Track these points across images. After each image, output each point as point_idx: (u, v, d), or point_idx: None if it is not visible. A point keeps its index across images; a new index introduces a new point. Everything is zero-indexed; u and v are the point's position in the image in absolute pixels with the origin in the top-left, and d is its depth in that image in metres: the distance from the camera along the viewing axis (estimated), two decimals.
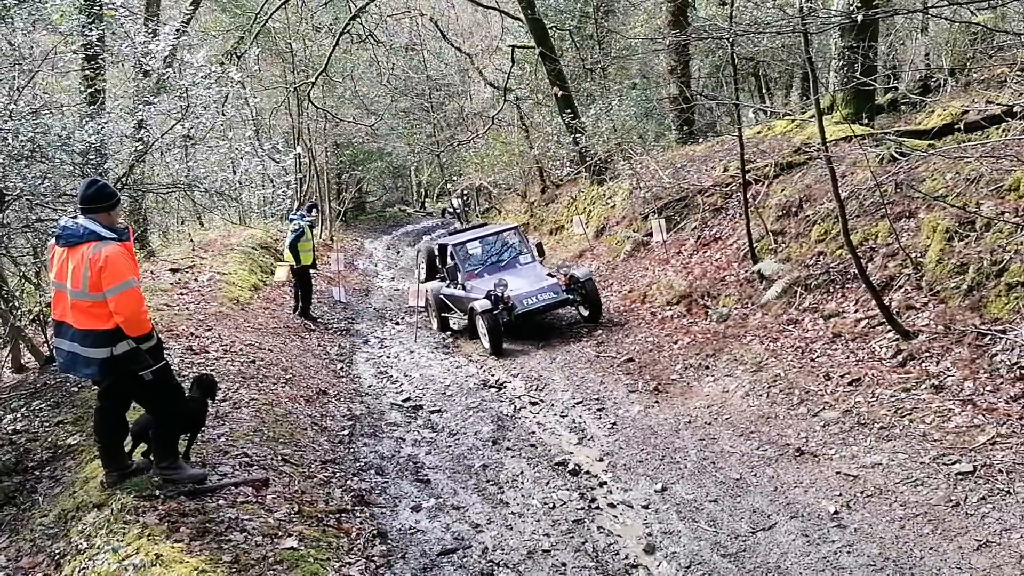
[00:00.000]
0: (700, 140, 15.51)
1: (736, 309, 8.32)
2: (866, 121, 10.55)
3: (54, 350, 4.75)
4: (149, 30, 9.51)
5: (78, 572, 3.79)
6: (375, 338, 11.01)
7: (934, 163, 7.20)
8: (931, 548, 4.01)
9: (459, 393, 7.88)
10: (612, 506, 5.09)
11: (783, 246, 8.68)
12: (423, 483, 5.60)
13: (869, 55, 10.67)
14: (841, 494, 4.67)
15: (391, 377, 8.78)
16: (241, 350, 8.14)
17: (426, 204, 36.60)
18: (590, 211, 15.16)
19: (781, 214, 9.06)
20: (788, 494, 4.81)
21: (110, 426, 4.47)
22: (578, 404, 7.18)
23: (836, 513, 4.49)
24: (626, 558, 4.41)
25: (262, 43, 19.04)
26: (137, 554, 3.74)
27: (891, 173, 7.46)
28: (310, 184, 22.20)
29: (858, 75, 8.92)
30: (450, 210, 27.14)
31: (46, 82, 9.31)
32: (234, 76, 10.67)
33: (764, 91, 19.63)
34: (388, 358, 9.81)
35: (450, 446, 6.37)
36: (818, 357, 6.58)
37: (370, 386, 8.42)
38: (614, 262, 12.24)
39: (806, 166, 9.51)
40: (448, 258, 10.81)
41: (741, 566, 4.19)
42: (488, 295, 9.39)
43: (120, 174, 8.41)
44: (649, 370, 7.70)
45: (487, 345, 9.36)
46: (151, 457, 4.60)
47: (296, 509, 4.60)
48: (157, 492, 4.37)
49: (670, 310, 9.21)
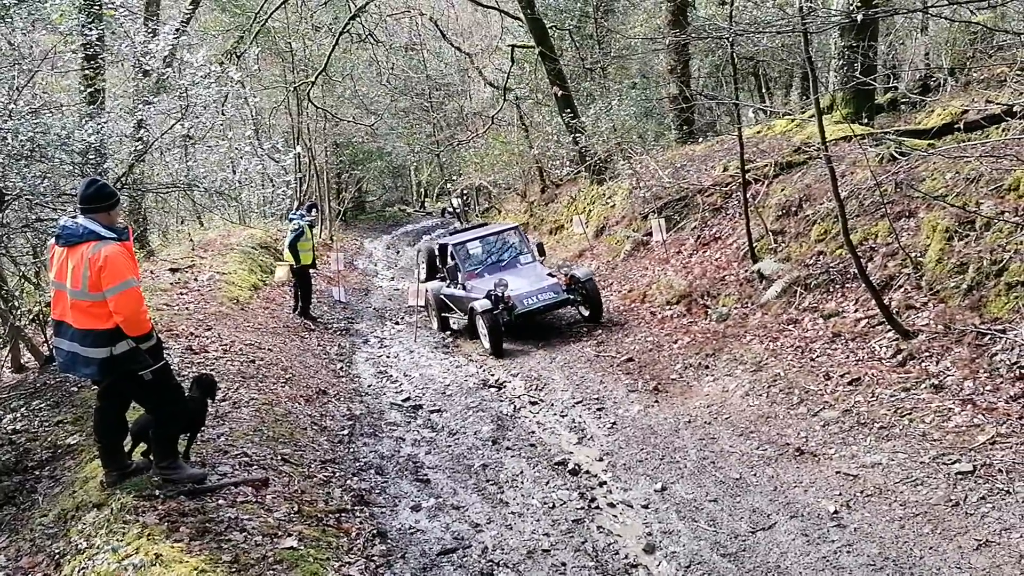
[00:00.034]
0: (700, 140, 15.52)
1: (736, 309, 8.32)
2: (866, 121, 10.55)
3: (54, 350, 4.75)
4: (149, 30, 9.50)
5: (78, 572, 3.79)
6: (375, 338, 11.01)
7: (934, 163, 7.20)
8: (931, 548, 4.02)
9: (459, 393, 7.88)
10: (612, 506, 5.09)
11: (783, 246, 8.68)
12: (423, 483, 5.60)
13: (869, 55, 10.67)
14: (841, 494, 4.67)
15: (391, 377, 8.78)
16: (241, 350, 8.14)
17: (426, 204, 36.61)
18: (590, 211, 15.15)
19: (781, 214, 9.06)
20: (788, 494, 4.82)
21: (110, 426, 4.47)
22: (578, 404, 7.18)
23: (836, 513, 4.49)
24: (626, 558, 4.41)
25: (262, 43, 19.03)
26: (137, 554, 3.75)
27: (891, 173, 7.46)
28: (310, 184, 22.19)
29: (858, 75, 8.92)
30: (450, 210, 27.15)
31: (46, 82, 9.30)
32: (234, 76, 10.67)
33: (764, 91, 19.63)
34: (388, 358, 9.81)
35: (450, 446, 6.37)
36: (818, 357, 6.58)
37: (370, 386, 8.42)
38: (614, 262, 12.24)
39: (806, 166, 9.51)
40: (448, 258, 10.79)
41: (741, 566, 4.19)
42: (488, 295, 9.38)
43: (120, 174, 8.41)
44: (649, 370, 7.70)
45: (487, 345, 9.35)
46: (151, 457, 4.60)
47: (296, 509, 4.60)
48: (157, 492, 4.37)
49: (670, 310, 9.22)
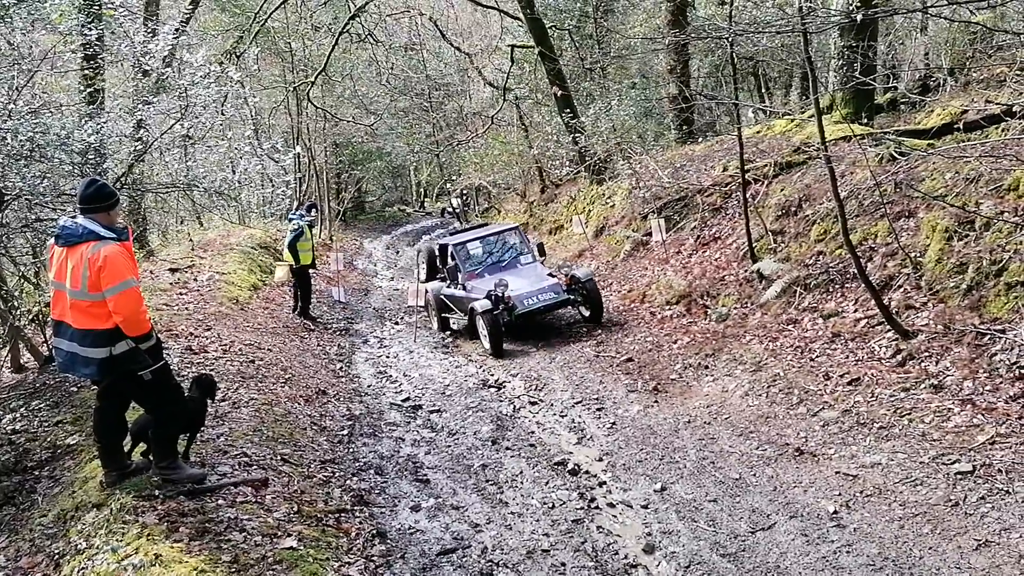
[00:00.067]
0: (699, 140, 15.52)
1: (735, 309, 8.32)
2: (865, 121, 10.55)
3: (53, 350, 4.75)
4: (148, 29, 9.51)
5: (77, 572, 3.79)
6: (374, 338, 11.01)
7: (933, 163, 7.20)
8: (930, 548, 4.02)
9: (458, 393, 7.87)
10: (611, 506, 5.09)
11: (782, 246, 8.68)
12: (422, 483, 5.60)
13: (868, 55, 10.67)
14: (840, 494, 4.67)
15: (390, 377, 8.78)
16: (240, 350, 8.14)
17: (425, 204, 36.62)
18: (589, 211, 15.15)
19: (780, 214, 9.06)
20: (787, 494, 4.82)
21: (109, 426, 4.47)
22: (577, 404, 7.18)
23: (835, 513, 4.49)
24: (625, 558, 4.41)
25: (261, 43, 19.02)
26: (136, 554, 3.74)
27: (890, 173, 7.47)
28: (309, 184, 22.18)
29: (857, 74, 8.92)
30: (449, 210, 27.15)
31: (45, 82, 9.30)
32: (233, 75, 10.67)
33: (763, 91, 19.64)
34: (387, 358, 9.81)
35: (449, 446, 6.36)
36: (817, 357, 6.58)
37: (369, 386, 8.42)
38: (613, 262, 12.24)
39: (805, 166, 9.51)
40: (449, 258, 10.78)
41: (740, 566, 4.19)
42: (488, 295, 9.37)
43: (119, 174, 8.41)
44: (648, 370, 7.70)
45: (487, 345, 9.34)
46: (150, 457, 4.60)
47: (295, 509, 4.60)
48: (156, 492, 4.37)
49: (669, 310, 9.22)
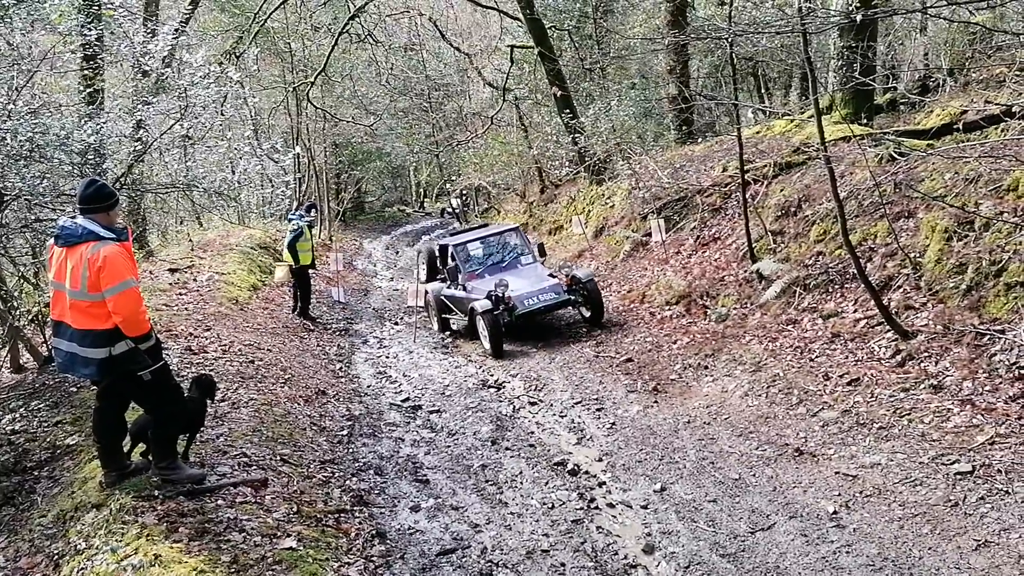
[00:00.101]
0: (699, 140, 15.53)
1: (735, 309, 8.32)
2: (865, 121, 10.55)
3: (53, 350, 4.74)
4: (148, 30, 9.51)
5: (77, 572, 3.79)
6: (374, 338, 11.01)
7: (933, 163, 7.20)
8: (930, 548, 4.02)
9: (458, 393, 7.87)
10: (611, 506, 5.09)
11: (782, 246, 8.68)
12: (422, 483, 5.60)
13: (868, 55, 10.68)
14: (840, 494, 4.67)
15: (390, 377, 8.78)
16: (240, 350, 8.14)
17: (425, 204, 36.63)
18: (589, 211, 15.15)
19: (780, 214, 9.06)
20: (787, 494, 4.82)
21: (109, 426, 4.47)
22: (577, 404, 7.18)
23: (835, 513, 4.50)
24: (625, 558, 4.41)
25: (261, 43, 19.03)
26: (136, 554, 3.74)
27: (890, 173, 7.46)
28: (309, 184, 22.18)
29: (857, 75, 8.92)
30: (449, 210, 27.16)
31: (45, 82, 9.31)
32: (233, 76, 10.68)
33: (763, 91, 19.64)
34: (387, 358, 9.80)
35: (449, 446, 6.36)
36: (817, 357, 6.58)
37: (369, 386, 8.41)
38: (613, 262, 12.24)
39: (805, 166, 9.52)
40: (449, 259, 10.77)
41: (740, 566, 4.19)
42: (489, 295, 9.35)
43: (119, 174, 8.40)
44: (648, 370, 7.70)
45: (487, 346, 9.33)
46: (150, 457, 4.60)
47: (295, 509, 4.60)
48: (156, 492, 4.37)
49: (669, 310, 9.22)
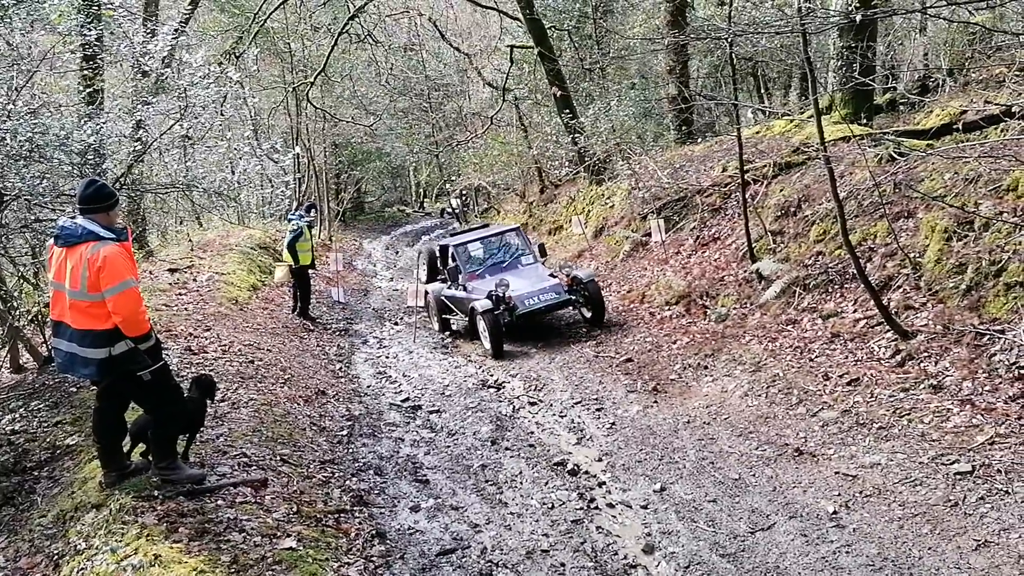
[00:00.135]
0: (699, 140, 15.53)
1: (735, 309, 8.32)
2: (865, 121, 10.55)
3: (52, 350, 4.75)
4: (147, 30, 9.51)
5: (76, 572, 3.79)
6: (374, 338, 11.01)
7: (933, 163, 7.21)
8: (930, 548, 4.02)
9: (458, 393, 7.87)
10: (611, 506, 5.09)
11: (782, 246, 8.68)
12: (422, 483, 5.60)
13: (868, 55, 10.68)
14: (840, 494, 4.68)
15: (390, 377, 8.78)
16: (240, 350, 8.13)
17: (425, 204, 36.64)
18: (589, 211, 15.15)
19: (780, 214, 9.06)
20: (787, 494, 4.82)
21: (108, 426, 4.47)
22: (577, 404, 7.18)
23: (835, 513, 4.50)
24: (625, 558, 4.41)
25: (261, 43, 19.03)
26: (136, 554, 3.74)
27: (890, 173, 7.47)
28: (308, 184, 22.18)
29: (857, 75, 8.93)
30: (449, 210, 27.17)
31: (44, 82, 9.30)
32: (233, 76, 10.68)
33: (763, 91, 19.64)
34: (387, 358, 9.80)
35: (449, 446, 6.36)
36: (817, 357, 6.58)
37: (369, 386, 8.41)
38: (613, 262, 12.24)
39: (805, 166, 9.52)
40: (449, 259, 10.76)
41: (740, 566, 4.19)
42: (489, 295, 9.33)
43: (118, 174, 8.40)
44: (648, 370, 7.70)
45: (488, 346, 9.31)
46: (150, 457, 4.60)
47: (295, 509, 4.60)
48: (156, 492, 4.37)
49: (669, 310, 9.22)
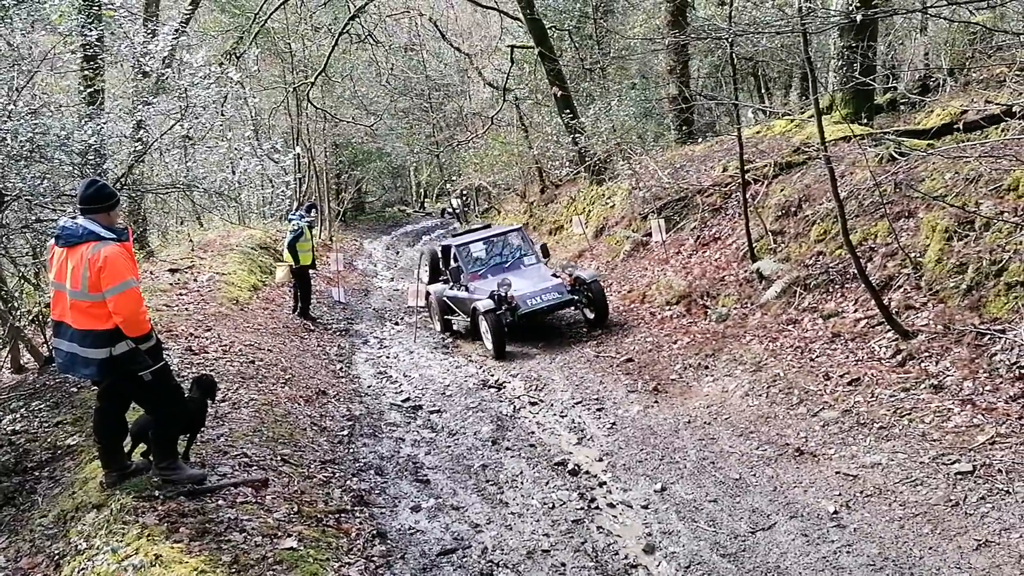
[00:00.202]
0: (699, 140, 15.52)
1: (735, 309, 8.32)
2: (865, 121, 10.55)
3: (53, 350, 4.75)
4: (148, 30, 9.52)
5: (77, 572, 3.79)
6: (374, 338, 11.01)
7: (933, 163, 7.20)
8: (930, 548, 4.02)
9: (458, 393, 7.87)
10: (611, 506, 5.09)
11: (782, 246, 8.68)
12: (422, 483, 5.60)
13: (868, 55, 10.68)
14: (840, 494, 4.67)
15: (390, 377, 8.78)
16: (240, 350, 8.14)
17: (425, 204, 36.67)
18: (589, 211, 15.15)
19: (780, 214, 9.06)
20: (787, 494, 4.82)
21: (109, 426, 4.47)
22: (577, 404, 7.18)
23: (836, 513, 4.50)
24: (625, 558, 4.41)
25: (261, 43, 19.02)
26: (136, 554, 3.74)
27: (890, 173, 7.46)
28: (309, 184, 22.18)
29: (857, 75, 8.92)
30: (449, 210, 27.18)
31: (45, 82, 9.31)
32: (233, 76, 10.69)
33: (763, 91, 19.64)
34: (387, 358, 9.80)
35: (449, 446, 6.36)
36: (817, 357, 6.58)
37: (369, 386, 8.41)
38: (613, 262, 12.24)
39: (805, 166, 9.51)
40: (452, 259, 10.75)
41: (740, 566, 4.19)
42: (492, 295, 9.31)
43: (119, 174, 8.41)
44: (648, 370, 7.70)
45: (489, 346, 9.28)
46: (150, 457, 4.60)
47: (295, 509, 4.60)
48: (156, 492, 4.37)
49: (669, 310, 9.21)
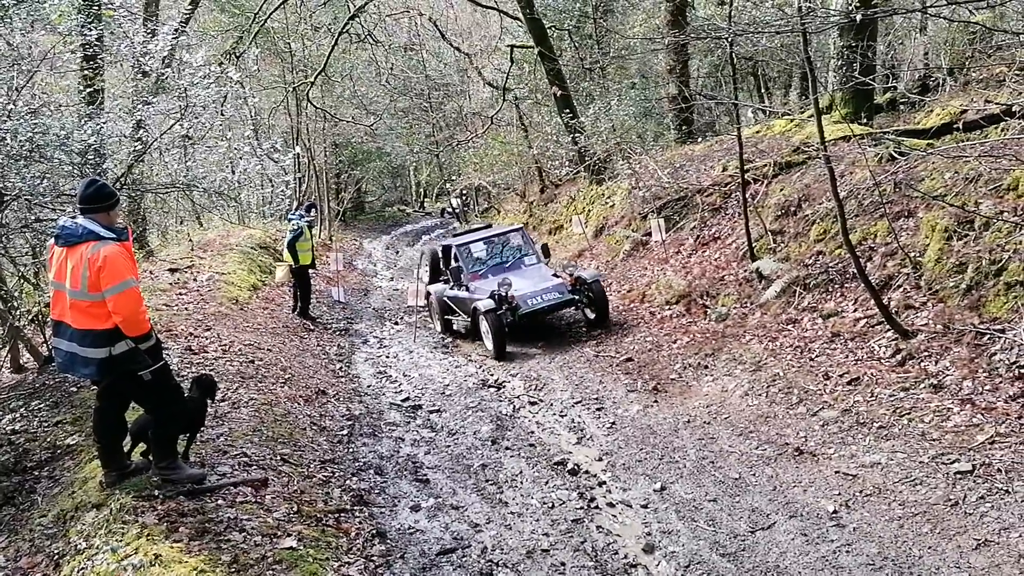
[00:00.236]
0: (699, 140, 15.52)
1: (735, 308, 8.32)
2: (865, 120, 10.55)
3: (53, 350, 4.75)
4: (148, 30, 9.52)
5: (77, 572, 3.79)
6: (374, 338, 11.01)
7: (933, 162, 7.21)
8: (930, 547, 4.02)
9: (458, 393, 7.88)
10: (611, 505, 5.09)
11: (782, 245, 8.68)
12: (422, 483, 5.60)
13: (868, 54, 10.68)
14: (840, 493, 4.68)
15: (390, 377, 8.78)
16: (240, 350, 8.14)
17: (425, 204, 36.68)
18: (589, 211, 15.15)
19: (780, 213, 9.06)
20: (787, 493, 4.82)
21: (109, 426, 4.47)
22: (577, 404, 7.18)
23: (835, 512, 4.50)
24: (625, 557, 4.42)
25: (261, 43, 19.02)
26: (136, 554, 3.75)
27: (890, 172, 7.46)
28: (309, 184, 22.18)
29: (857, 74, 8.93)
30: (449, 210, 27.19)
31: (45, 82, 9.30)
32: (233, 76, 10.69)
33: (763, 91, 19.65)
34: (387, 358, 9.80)
35: (449, 446, 6.36)
36: (817, 356, 6.58)
37: (369, 386, 8.41)
38: (613, 262, 12.24)
39: (805, 165, 9.51)
40: (452, 259, 10.73)
41: (740, 565, 4.19)
42: (492, 295, 9.28)
43: (119, 174, 8.41)
44: (648, 370, 7.70)
45: (490, 346, 9.25)
46: (150, 457, 4.60)
47: (295, 509, 4.60)
48: (156, 492, 4.37)
49: (669, 310, 9.22)
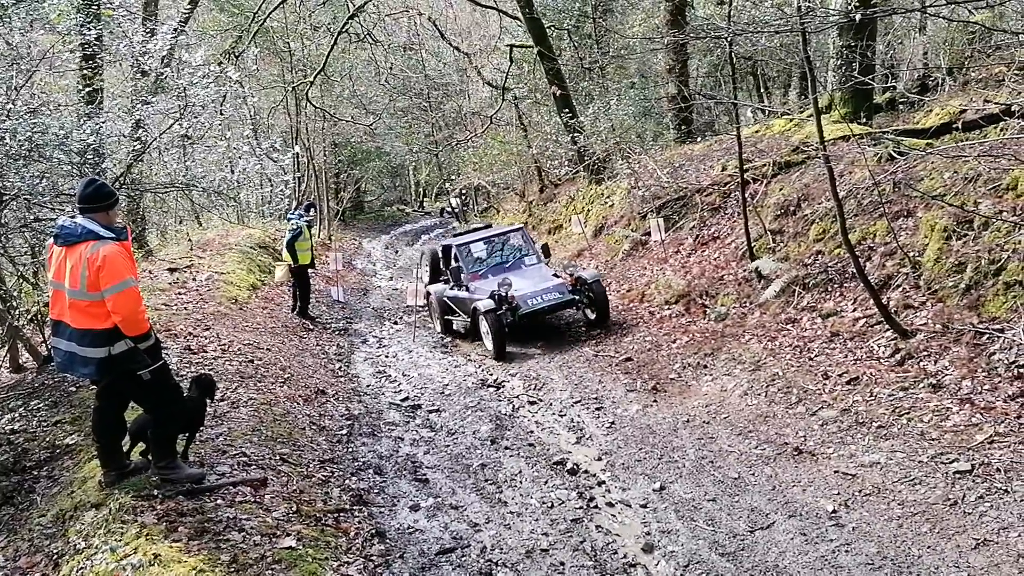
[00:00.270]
0: (698, 139, 15.53)
1: (734, 308, 8.33)
2: (864, 120, 10.56)
3: (52, 349, 4.75)
4: (147, 29, 9.51)
5: (76, 572, 3.79)
6: (373, 337, 11.01)
7: (932, 162, 7.21)
8: (929, 547, 4.02)
9: (457, 392, 7.88)
10: (610, 505, 5.09)
11: (781, 245, 8.68)
12: (421, 482, 5.60)
13: (867, 54, 10.69)
14: (839, 493, 4.68)
15: (389, 376, 8.78)
16: (239, 350, 8.14)
17: (424, 203, 36.68)
18: (588, 210, 15.15)
19: (779, 213, 9.06)
20: (786, 493, 4.82)
21: (108, 426, 4.47)
22: (576, 403, 7.19)
23: (834, 512, 4.50)
24: (624, 557, 4.42)
25: (260, 42, 19.02)
26: (135, 554, 3.75)
27: (889, 172, 7.46)
28: (308, 183, 22.18)
29: (856, 74, 8.93)
30: (448, 209, 27.19)
31: (44, 81, 9.28)
32: (232, 75, 10.66)
33: (762, 90, 19.66)
34: (386, 357, 9.80)
35: (448, 445, 6.37)
36: (816, 356, 6.58)
37: (368, 386, 8.41)
38: (612, 261, 12.24)
39: (804, 165, 9.52)
40: (452, 259, 10.73)
41: (739, 565, 4.19)
42: (492, 295, 9.27)
43: (118, 173, 8.40)
44: (647, 369, 7.70)
45: (490, 347, 9.23)
46: (149, 457, 4.60)
47: (294, 508, 4.60)
48: (155, 492, 4.37)
49: (668, 309, 9.22)
